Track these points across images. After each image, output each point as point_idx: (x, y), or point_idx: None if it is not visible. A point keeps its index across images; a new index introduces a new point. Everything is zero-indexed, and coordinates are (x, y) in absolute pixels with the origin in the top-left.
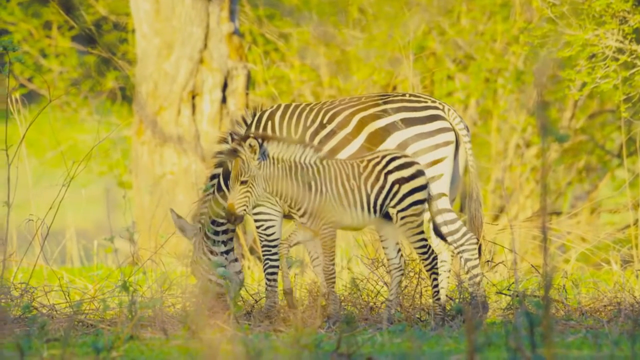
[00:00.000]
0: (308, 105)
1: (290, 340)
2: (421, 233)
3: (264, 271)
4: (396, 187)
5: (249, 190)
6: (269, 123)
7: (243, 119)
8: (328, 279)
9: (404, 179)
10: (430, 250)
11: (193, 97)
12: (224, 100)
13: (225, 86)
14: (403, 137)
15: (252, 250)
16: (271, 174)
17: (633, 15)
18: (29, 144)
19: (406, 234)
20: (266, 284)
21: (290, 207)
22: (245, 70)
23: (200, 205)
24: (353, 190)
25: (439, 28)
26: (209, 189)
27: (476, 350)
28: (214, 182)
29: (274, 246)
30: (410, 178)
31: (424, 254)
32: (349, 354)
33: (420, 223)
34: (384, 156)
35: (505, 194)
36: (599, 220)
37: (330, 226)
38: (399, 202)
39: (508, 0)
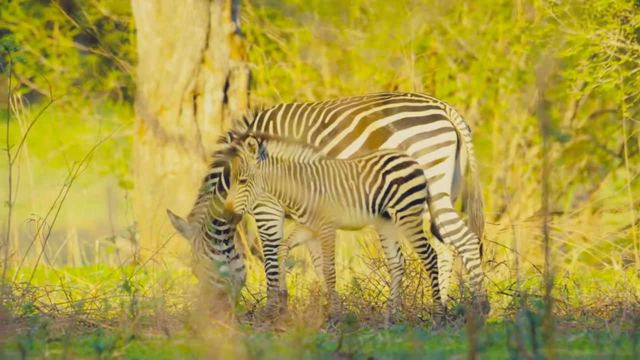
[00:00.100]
0: (310, 105)
1: (291, 340)
2: (421, 232)
3: (266, 271)
4: (394, 187)
5: (248, 190)
6: (271, 123)
7: (244, 118)
8: (328, 279)
9: (402, 179)
10: (430, 249)
11: (194, 97)
12: (225, 100)
13: (226, 86)
14: (404, 137)
15: (254, 250)
16: (270, 173)
17: (634, 15)
18: (30, 143)
19: (406, 233)
20: (268, 283)
21: (289, 207)
22: (246, 70)
23: (198, 205)
24: (352, 190)
25: (441, 28)
26: (208, 189)
27: (477, 350)
28: (215, 181)
29: (276, 246)
30: (409, 178)
31: (424, 253)
32: (350, 353)
33: (420, 222)
34: (382, 156)
35: (507, 193)
36: (601, 220)
37: (329, 226)
38: (397, 202)
39: (509, 0)
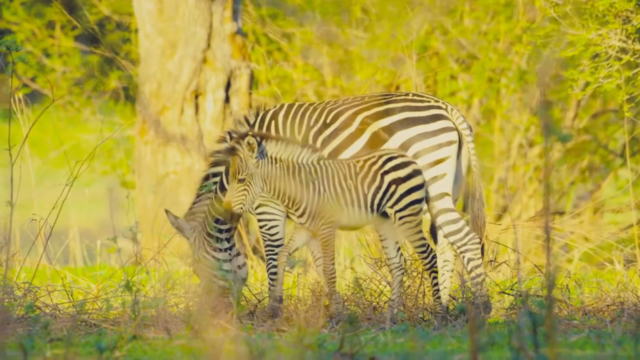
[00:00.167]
0: (311, 104)
1: (293, 340)
2: (420, 232)
3: (267, 271)
4: (393, 188)
5: (246, 189)
6: (272, 123)
7: (246, 118)
8: (329, 279)
9: (400, 179)
10: (430, 249)
11: (196, 97)
12: (227, 99)
13: (228, 86)
14: (406, 137)
15: (255, 250)
16: (269, 173)
17: (636, 15)
18: (32, 143)
19: (405, 233)
20: (269, 283)
21: (288, 207)
22: (248, 70)
23: (196, 204)
24: (350, 190)
25: (442, 28)
26: (210, 188)
27: (479, 350)
28: (216, 180)
29: (277, 246)
30: (407, 178)
31: (423, 252)
32: (352, 353)
33: (419, 222)
34: (380, 156)
35: (508, 193)
36: (602, 220)
37: (329, 226)
38: (396, 202)
39: (511, 0)
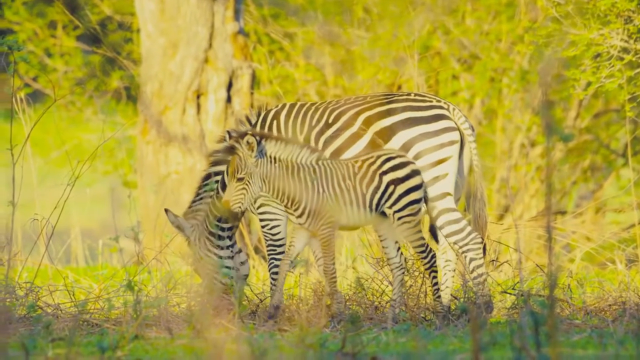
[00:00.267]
0: (313, 104)
1: (295, 339)
2: (419, 232)
3: (269, 270)
4: (391, 188)
5: (245, 188)
6: (274, 122)
7: (247, 118)
8: (330, 279)
9: (398, 180)
10: (429, 249)
11: (198, 97)
12: (228, 99)
13: (230, 85)
14: (408, 137)
15: (257, 250)
16: (268, 172)
17: (638, 14)
18: (33, 143)
19: (404, 234)
20: (271, 283)
21: (287, 207)
22: (250, 70)
23: (196, 202)
24: (349, 190)
25: (444, 27)
26: (212, 187)
27: (481, 350)
28: (217, 179)
29: (279, 245)
30: (405, 178)
31: (423, 252)
32: (353, 353)
33: (418, 222)
34: (379, 156)
35: (510, 193)
36: (604, 219)
37: (329, 226)
38: (394, 203)
39: (513, 0)
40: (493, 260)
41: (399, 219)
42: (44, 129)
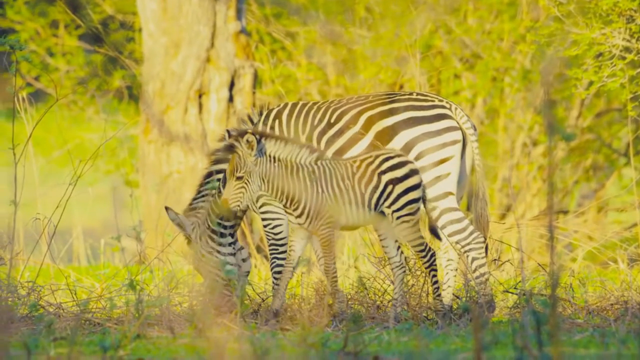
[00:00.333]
0: (315, 104)
1: (297, 339)
2: (418, 232)
3: (271, 270)
4: (390, 188)
5: (244, 186)
6: (276, 122)
7: (249, 117)
8: (331, 279)
9: (397, 179)
10: (428, 247)
11: (200, 96)
12: (230, 99)
13: (232, 85)
14: (410, 136)
15: (259, 249)
16: (267, 171)
17: None
18: (35, 142)
19: (402, 233)
20: (273, 282)
21: (286, 207)
22: (252, 69)
23: (197, 200)
24: (348, 190)
25: (446, 27)
26: (214, 185)
27: (483, 349)
28: (219, 177)
29: (281, 245)
30: (404, 178)
31: (422, 251)
32: (355, 352)
33: (417, 222)
34: (377, 156)
35: (512, 192)
36: (606, 218)
37: (329, 226)
38: (393, 202)
39: None
40: (495, 260)
41: (398, 218)
42: (46, 129)
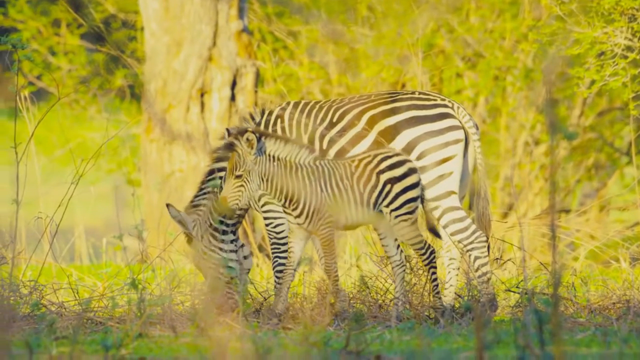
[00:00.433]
0: (317, 103)
1: (299, 337)
2: (416, 230)
3: (273, 269)
4: (388, 187)
5: (243, 185)
6: (278, 121)
7: (251, 116)
8: (332, 279)
9: (395, 178)
10: (427, 244)
11: (202, 95)
12: (232, 98)
13: (234, 84)
14: (413, 135)
15: (261, 248)
16: (266, 170)
17: None
18: (37, 141)
19: (401, 232)
20: (275, 281)
21: (285, 207)
22: (254, 68)
23: (199, 197)
24: (347, 190)
25: (448, 26)
26: (216, 184)
27: (485, 348)
28: (221, 175)
29: (284, 244)
30: (402, 177)
31: (421, 249)
32: (357, 351)
33: (415, 220)
34: (375, 155)
35: (514, 191)
36: (608, 217)
37: (328, 226)
38: (392, 202)
39: None
40: (497, 259)
41: (396, 217)
42: (48, 127)
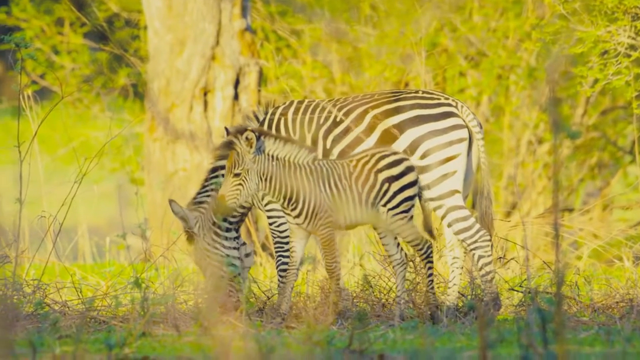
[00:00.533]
0: (321, 102)
1: (302, 336)
2: (413, 227)
3: (276, 268)
4: (386, 185)
5: (242, 184)
6: (282, 120)
7: (255, 115)
8: (334, 279)
9: (393, 177)
10: (424, 240)
11: (205, 94)
12: (236, 96)
13: (237, 83)
14: (416, 134)
15: (264, 247)
16: (265, 169)
17: None
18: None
19: (398, 230)
20: (278, 280)
21: (284, 207)
22: (257, 67)
23: (201, 195)
24: (345, 190)
25: (451, 25)
26: (219, 182)
27: (488, 347)
28: (224, 173)
29: (287, 243)
30: (400, 176)
31: (418, 245)
32: (360, 350)
33: (411, 217)
34: (373, 154)
35: (518, 190)
36: (611, 216)
37: (327, 226)
38: (389, 200)
39: None
40: (500, 258)
41: (393, 216)
42: (51, 126)
